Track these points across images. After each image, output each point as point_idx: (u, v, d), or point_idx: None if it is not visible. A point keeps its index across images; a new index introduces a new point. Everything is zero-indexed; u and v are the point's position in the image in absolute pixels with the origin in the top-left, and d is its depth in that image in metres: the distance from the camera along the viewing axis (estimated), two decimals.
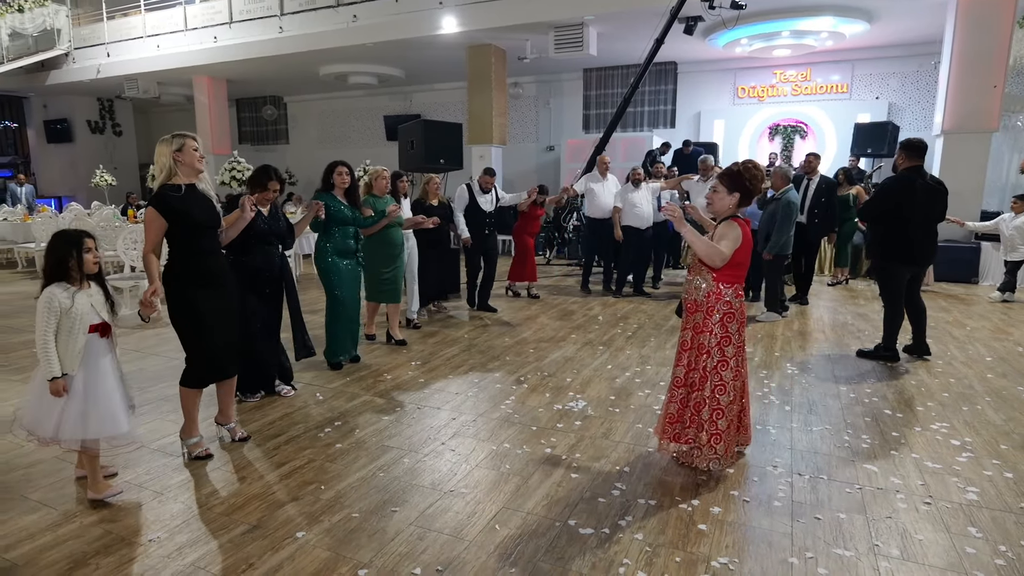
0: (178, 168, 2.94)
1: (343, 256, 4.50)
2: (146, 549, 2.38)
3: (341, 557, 2.33)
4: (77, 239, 2.61)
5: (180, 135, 2.97)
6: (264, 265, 3.72)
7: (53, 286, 2.58)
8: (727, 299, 2.92)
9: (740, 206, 2.94)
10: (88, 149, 16.85)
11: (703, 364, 2.95)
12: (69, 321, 2.58)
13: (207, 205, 3.02)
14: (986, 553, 2.36)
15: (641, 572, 2.24)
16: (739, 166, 2.96)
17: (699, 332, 2.95)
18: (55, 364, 2.55)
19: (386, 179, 5.03)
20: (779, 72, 12.55)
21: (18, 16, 13.41)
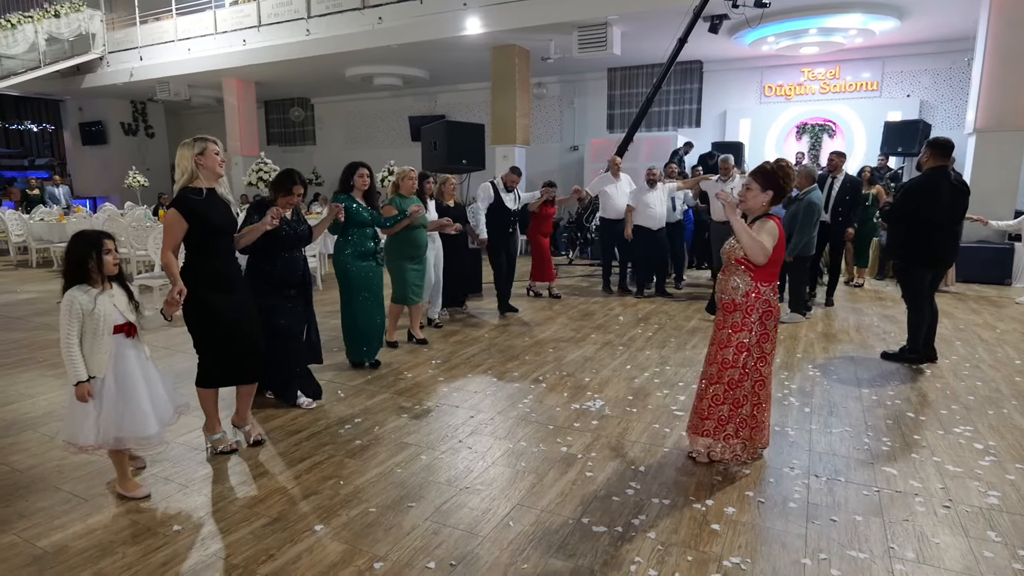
0: (200, 172, 2.97)
1: (362, 258, 4.48)
2: (171, 539, 2.47)
3: (358, 550, 2.39)
4: (96, 240, 2.59)
5: (202, 139, 3.01)
6: (288, 270, 3.64)
7: (73, 289, 2.56)
8: (766, 297, 2.94)
9: (772, 204, 2.96)
10: (121, 151, 17.32)
11: (743, 361, 2.95)
12: (93, 323, 2.57)
13: (225, 209, 3.06)
14: (1004, 557, 2.33)
15: (652, 571, 2.25)
16: (772, 164, 2.97)
17: (738, 330, 2.95)
18: (80, 368, 2.55)
19: (413, 179, 5.02)
20: (807, 70, 12.36)
21: (55, 21, 13.84)
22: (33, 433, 3.53)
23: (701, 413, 3.04)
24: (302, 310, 3.77)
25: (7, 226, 11.10)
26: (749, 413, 3.00)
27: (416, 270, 5.14)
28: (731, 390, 2.98)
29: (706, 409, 3.02)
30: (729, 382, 2.97)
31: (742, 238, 2.88)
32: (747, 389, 2.98)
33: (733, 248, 2.98)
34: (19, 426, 3.64)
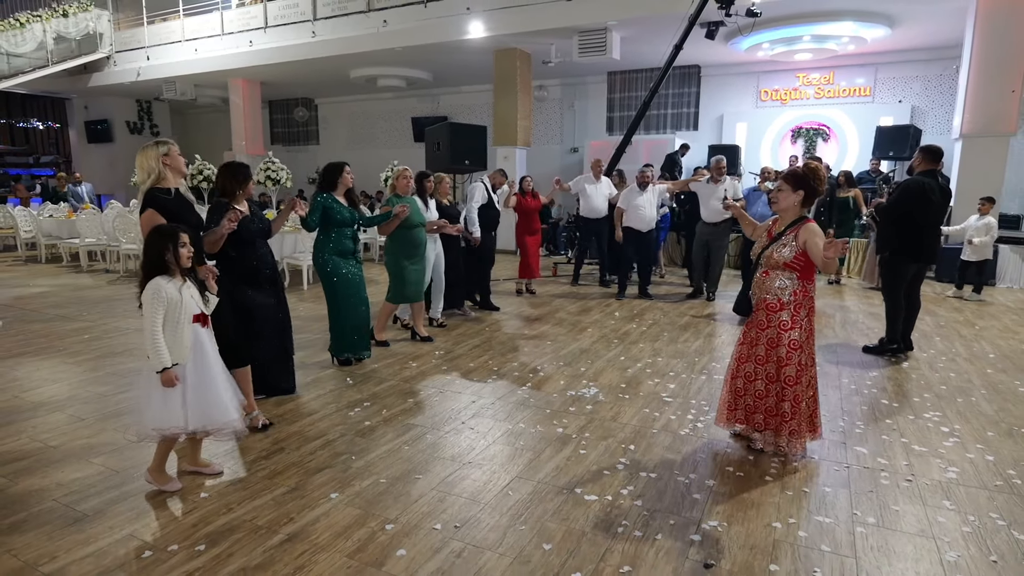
0: (166, 172, 3.07)
1: (342, 256, 4.49)
2: (200, 504, 2.71)
3: (371, 514, 2.63)
4: (173, 233, 2.69)
5: (164, 141, 3.12)
6: (261, 263, 3.67)
7: (158, 278, 2.64)
8: (811, 295, 3.09)
9: (804, 205, 3.08)
10: (127, 149, 17.53)
11: (796, 359, 3.05)
12: (176, 312, 2.65)
13: (191, 208, 3.17)
14: (955, 522, 2.57)
15: (637, 531, 2.50)
16: (803, 168, 3.09)
17: (787, 329, 3.04)
18: (165, 354, 2.60)
19: (407, 179, 5.08)
20: (802, 75, 12.61)
21: (63, 20, 14.07)
22: (61, 414, 3.77)
23: (770, 411, 3.13)
24: (275, 302, 3.80)
25: (16, 222, 11.33)
26: (811, 409, 3.14)
27: (415, 269, 5.19)
28: (788, 387, 3.06)
29: (773, 406, 3.12)
30: (786, 379, 3.06)
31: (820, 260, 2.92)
32: (804, 385, 3.08)
33: (779, 254, 3.04)
34: (47, 408, 3.88)
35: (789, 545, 2.41)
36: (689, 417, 3.72)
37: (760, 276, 3.15)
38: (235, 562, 2.30)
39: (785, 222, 3.13)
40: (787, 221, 3.12)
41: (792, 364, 3.05)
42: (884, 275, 5.13)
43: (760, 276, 3.15)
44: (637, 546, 2.40)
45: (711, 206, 6.94)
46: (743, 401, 3.24)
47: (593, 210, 7.87)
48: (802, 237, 3.01)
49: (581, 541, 2.43)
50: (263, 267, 3.68)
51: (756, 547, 2.40)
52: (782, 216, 3.17)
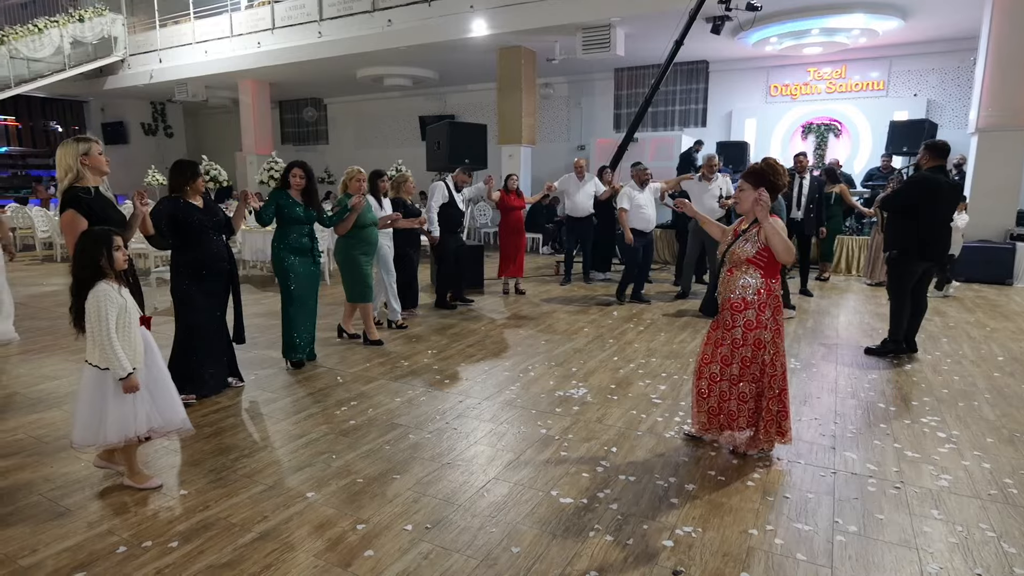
0: (85, 171, 3.03)
1: (297, 254, 4.50)
2: (179, 501, 2.72)
3: (343, 514, 2.62)
4: (106, 237, 2.62)
5: (85, 139, 3.07)
6: (210, 256, 3.76)
7: (102, 283, 2.57)
8: (776, 293, 3.05)
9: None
10: (141, 150, 17.79)
11: (761, 358, 3.03)
12: (125, 317, 2.61)
13: (112, 206, 3.15)
14: (941, 533, 2.50)
15: (609, 536, 2.46)
16: (761, 164, 3.08)
17: (752, 328, 3.01)
18: (126, 361, 2.57)
19: (360, 180, 4.98)
20: (813, 70, 12.41)
21: (79, 25, 14.29)
22: (57, 411, 3.81)
23: (731, 414, 3.12)
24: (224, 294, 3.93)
25: (33, 222, 11.55)
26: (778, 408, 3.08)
27: (370, 267, 5.16)
28: (754, 384, 3.06)
29: (735, 408, 3.11)
30: (752, 379, 3.05)
31: (775, 241, 2.90)
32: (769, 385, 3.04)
33: (742, 250, 3.02)
34: (45, 404, 3.93)
35: (764, 553, 2.36)
36: (676, 419, 3.67)
37: (725, 275, 3.12)
38: (205, 559, 2.31)
39: (749, 220, 3.10)
40: (751, 219, 3.08)
41: (756, 363, 3.04)
42: (890, 273, 5.02)
43: (725, 275, 3.12)
44: (607, 550, 2.36)
45: (704, 204, 6.80)
46: (707, 403, 3.20)
47: (577, 208, 7.95)
48: (764, 232, 2.97)
49: (551, 544, 2.40)
50: (209, 261, 3.74)
51: (729, 554, 2.35)
52: (747, 215, 3.12)
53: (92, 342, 2.59)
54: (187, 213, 3.69)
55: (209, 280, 3.82)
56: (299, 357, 4.64)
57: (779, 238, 2.92)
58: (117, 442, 2.66)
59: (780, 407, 3.09)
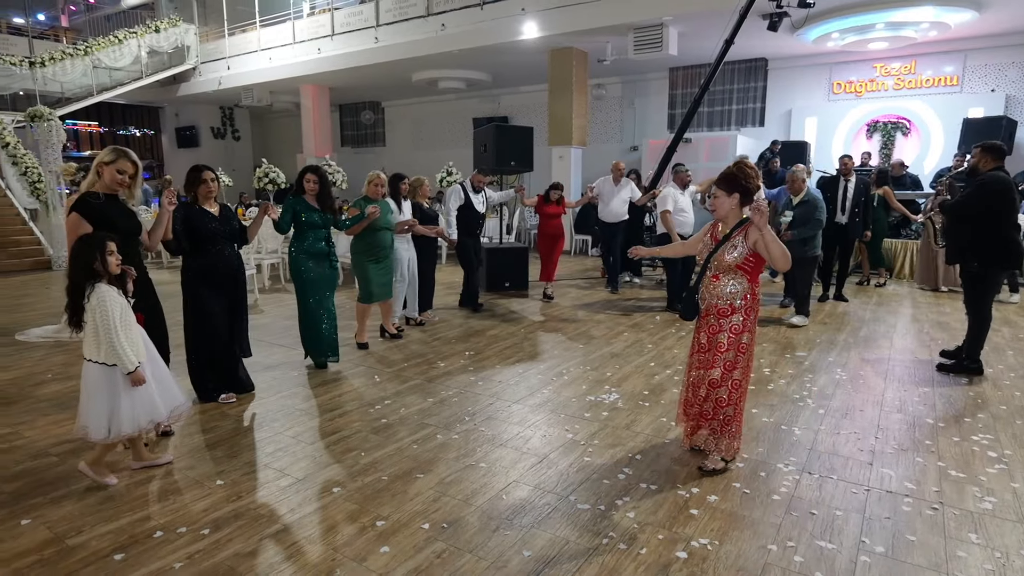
0: (102, 178, 3.15)
1: (314, 259, 4.55)
2: (213, 491, 2.88)
3: (365, 510, 2.71)
4: (100, 242, 2.74)
5: (121, 152, 3.18)
6: (218, 264, 3.82)
7: (101, 285, 2.73)
8: (759, 297, 3.03)
9: (743, 206, 3.00)
10: (211, 153, 18.71)
11: (743, 363, 3.01)
12: (124, 315, 2.76)
13: (126, 214, 3.24)
14: (977, 558, 2.37)
15: (622, 544, 2.45)
16: (732, 167, 3.02)
17: (737, 332, 2.98)
18: (131, 355, 2.74)
19: (377, 184, 5.12)
20: (880, 65, 11.83)
21: (155, 36, 15.17)
22: None
23: (706, 414, 3.09)
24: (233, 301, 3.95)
25: None
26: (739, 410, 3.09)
27: (381, 269, 5.23)
28: (735, 391, 3.03)
29: (711, 411, 3.06)
30: (733, 383, 3.02)
31: (774, 249, 2.85)
32: (742, 388, 3.07)
33: (730, 256, 2.95)
34: None
35: (780, 569, 2.30)
36: None
37: (710, 280, 3.05)
38: (232, 547, 2.44)
39: (730, 225, 3.02)
40: (731, 224, 3.01)
41: (738, 368, 3.02)
42: (973, 287, 4.59)
43: (710, 280, 3.05)
44: (618, 559, 2.36)
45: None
46: (692, 409, 3.18)
47: (610, 213, 7.67)
48: (752, 237, 2.91)
49: (563, 550, 2.41)
50: (220, 267, 3.83)
51: (744, 569, 2.30)
52: (725, 220, 3.05)
53: (95, 340, 2.72)
54: (200, 220, 3.76)
55: (216, 287, 3.86)
56: (319, 360, 4.72)
57: (777, 245, 2.87)
58: (131, 432, 2.83)
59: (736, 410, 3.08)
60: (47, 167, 10.80)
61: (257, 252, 8.29)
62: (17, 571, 2.30)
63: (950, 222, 4.81)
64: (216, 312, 3.87)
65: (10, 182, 11.16)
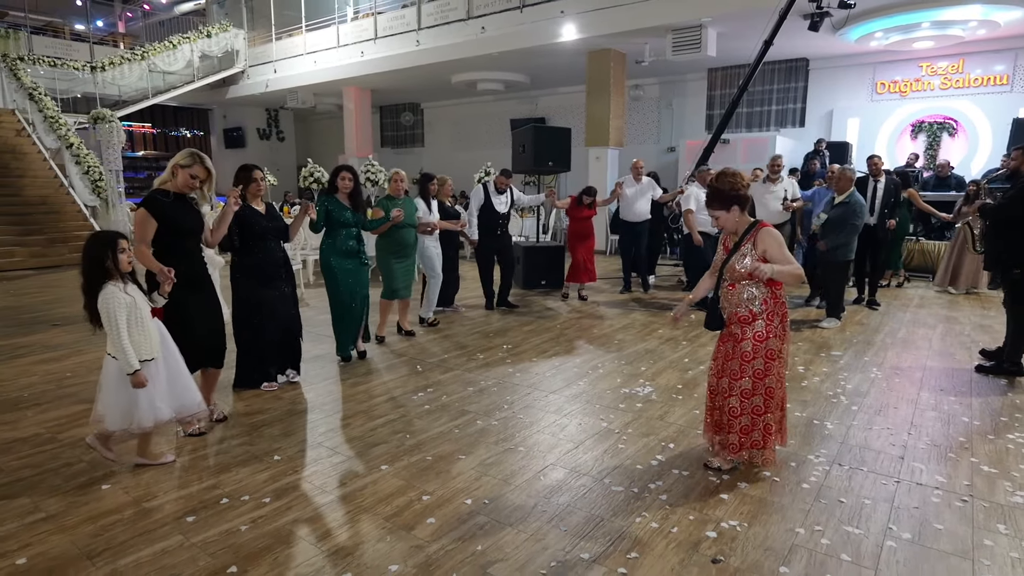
0: (175, 179, 3.28)
1: (345, 256, 4.65)
2: (271, 465, 3.12)
3: (412, 486, 2.90)
4: (112, 240, 2.78)
5: (197, 157, 3.29)
6: (268, 260, 3.97)
7: (109, 286, 2.76)
8: (782, 300, 2.95)
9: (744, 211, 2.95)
10: (257, 153, 19.35)
11: (775, 369, 2.93)
12: (137, 313, 2.81)
13: (192, 213, 3.35)
14: (1004, 547, 2.42)
15: (654, 523, 2.58)
16: (713, 181, 2.99)
17: (763, 339, 2.90)
18: (134, 358, 2.76)
19: (398, 181, 5.24)
20: (926, 64, 11.59)
21: (207, 41, 15.82)
22: None
23: (745, 429, 2.95)
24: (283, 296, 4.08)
25: None
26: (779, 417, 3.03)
27: (403, 267, 5.35)
28: (770, 399, 2.95)
29: (750, 423, 2.95)
30: (767, 391, 2.94)
31: (784, 277, 2.82)
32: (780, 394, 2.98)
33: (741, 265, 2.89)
34: None
35: (807, 551, 2.40)
36: None
37: (727, 289, 2.99)
38: (291, 514, 2.66)
39: (739, 234, 2.96)
40: (741, 232, 2.96)
41: (772, 375, 2.92)
42: (1014, 292, 4.54)
43: (727, 289, 2.99)
44: (651, 536, 2.49)
45: (768, 207, 6.62)
46: (715, 417, 3.09)
47: (632, 213, 7.60)
48: (760, 245, 2.86)
49: (598, 527, 2.56)
50: (268, 264, 3.97)
51: (771, 549, 2.41)
52: (731, 234, 3.01)
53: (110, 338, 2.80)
54: (252, 218, 3.89)
55: (268, 283, 4.00)
56: (346, 354, 4.87)
57: (786, 273, 2.80)
58: (149, 426, 2.89)
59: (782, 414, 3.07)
60: (107, 166, 11.40)
61: (302, 248, 8.63)
62: (103, 527, 2.55)
63: (990, 226, 4.76)
64: (272, 299, 4.01)
65: (73, 180, 11.80)
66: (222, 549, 2.40)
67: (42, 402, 4.03)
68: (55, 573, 2.26)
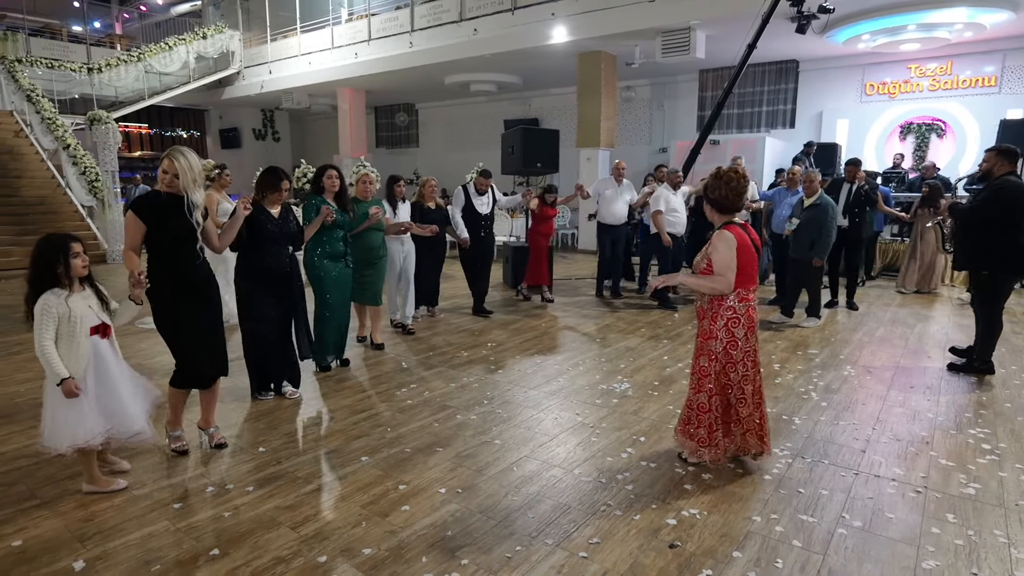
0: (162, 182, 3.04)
1: (332, 259, 4.51)
2: (256, 456, 3.23)
3: (389, 476, 3.03)
4: (64, 244, 2.59)
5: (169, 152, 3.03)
6: (274, 265, 3.82)
7: (47, 294, 2.57)
8: (730, 304, 2.93)
9: (727, 213, 2.97)
10: (252, 153, 19.47)
11: (713, 369, 2.98)
12: (70, 326, 2.58)
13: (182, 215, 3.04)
14: (950, 534, 2.55)
15: (618, 511, 2.70)
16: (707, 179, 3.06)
17: (707, 338, 2.98)
18: (59, 367, 2.55)
19: (366, 183, 5.09)
20: (915, 66, 11.73)
21: (203, 42, 15.92)
22: None
23: (690, 419, 3.09)
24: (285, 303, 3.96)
25: None
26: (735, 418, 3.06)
27: (370, 273, 5.12)
28: (713, 397, 3.00)
29: (694, 416, 3.06)
30: (709, 390, 3.00)
31: (699, 290, 2.99)
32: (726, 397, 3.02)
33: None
34: (160, 373, 4.63)
35: (761, 537, 2.52)
36: None
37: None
38: (273, 501, 2.78)
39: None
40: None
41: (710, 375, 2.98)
42: (983, 292, 4.67)
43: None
44: (613, 523, 2.61)
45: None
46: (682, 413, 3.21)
47: (612, 215, 7.51)
48: (711, 247, 2.94)
49: (564, 514, 2.68)
50: (274, 269, 3.85)
51: (727, 535, 2.53)
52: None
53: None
54: (262, 220, 3.79)
55: (269, 290, 3.87)
56: (327, 362, 4.71)
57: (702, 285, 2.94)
58: (67, 451, 2.64)
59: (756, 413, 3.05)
60: (104, 167, 11.50)
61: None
62: (94, 513, 2.68)
63: (959, 226, 4.87)
64: (268, 317, 3.89)
65: (70, 180, 11.90)
66: (206, 533, 2.52)
67: (38, 396, 4.13)
68: (48, 554, 2.39)
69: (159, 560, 2.35)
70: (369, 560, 2.36)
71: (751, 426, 3.07)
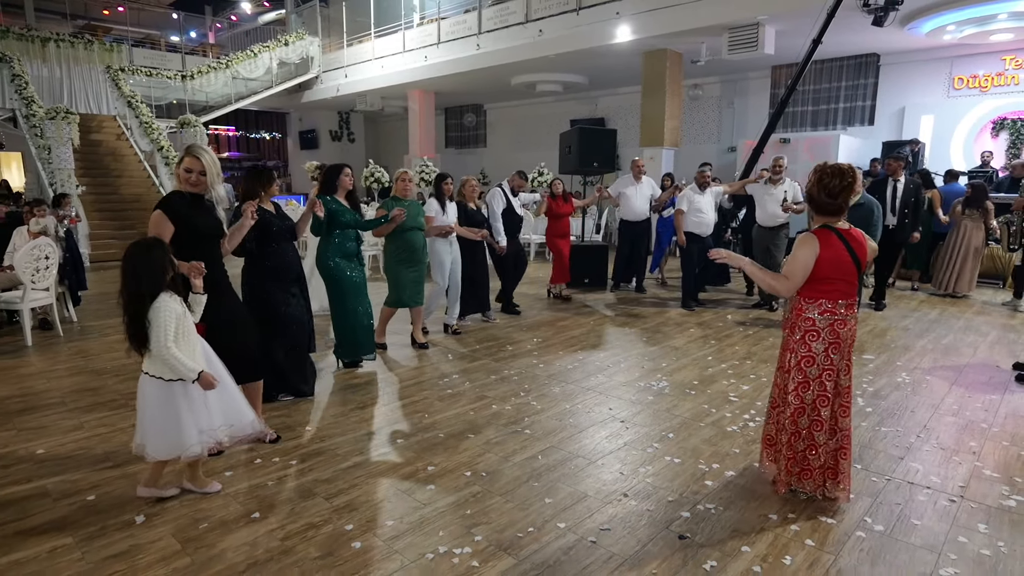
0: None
1: (345, 258, 4.45)
2: (300, 435, 3.50)
3: (420, 458, 3.21)
4: (161, 244, 2.61)
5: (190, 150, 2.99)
6: (284, 262, 3.77)
7: (164, 295, 2.53)
8: (808, 315, 2.67)
9: (825, 215, 2.70)
10: (329, 154, 20.38)
11: (776, 381, 2.86)
12: (185, 326, 2.59)
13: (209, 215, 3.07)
14: (977, 544, 2.46)
15: (633, 501, 2.77)
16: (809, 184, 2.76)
17: (783, 350, 2.81)
18: (191, 362, 2.54)
19: (404, 181, 5.00)
20: (1010, 57, 10.90)
21: (284, 49, 16.86)
22: None
23: (767, 431, 2.92)
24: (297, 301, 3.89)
25: None
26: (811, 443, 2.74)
27: (412, 273, 5.09)
28: (781, 412, 2.79)
29: (771, 429, 2.88)
30: (780, 406, 2.80)
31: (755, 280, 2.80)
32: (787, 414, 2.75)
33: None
34: None
35: (773, 535, 2.53)
36: (745, 416, 3.79)
37: None
38: (313, 474, 3.02)
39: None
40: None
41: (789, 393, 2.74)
42: None
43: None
44: (628, 512, 2.68)
45: (767, 209, 6.57)
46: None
47: (633, 212, 7.65)
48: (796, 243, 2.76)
49: (580, 501, 2.78)
50: (287, 266, 3.79)
51: (739, 531, 2.55)
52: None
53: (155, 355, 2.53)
54: (270, 219, 3.69)
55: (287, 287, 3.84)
56: (351, 359, 4.69)
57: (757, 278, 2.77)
58: (200, 452, 2.64)
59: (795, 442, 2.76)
60: None
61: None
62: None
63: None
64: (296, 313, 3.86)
65: (163, 180, 12.92)
66: (250, 499, 2.79)
67: (121, 374, 4.61)
68: (115, 509, 2.71)
69: (207, 519, 2.63)
70: (391, 530, 2.55)
71: (828, 460, 2.75)
